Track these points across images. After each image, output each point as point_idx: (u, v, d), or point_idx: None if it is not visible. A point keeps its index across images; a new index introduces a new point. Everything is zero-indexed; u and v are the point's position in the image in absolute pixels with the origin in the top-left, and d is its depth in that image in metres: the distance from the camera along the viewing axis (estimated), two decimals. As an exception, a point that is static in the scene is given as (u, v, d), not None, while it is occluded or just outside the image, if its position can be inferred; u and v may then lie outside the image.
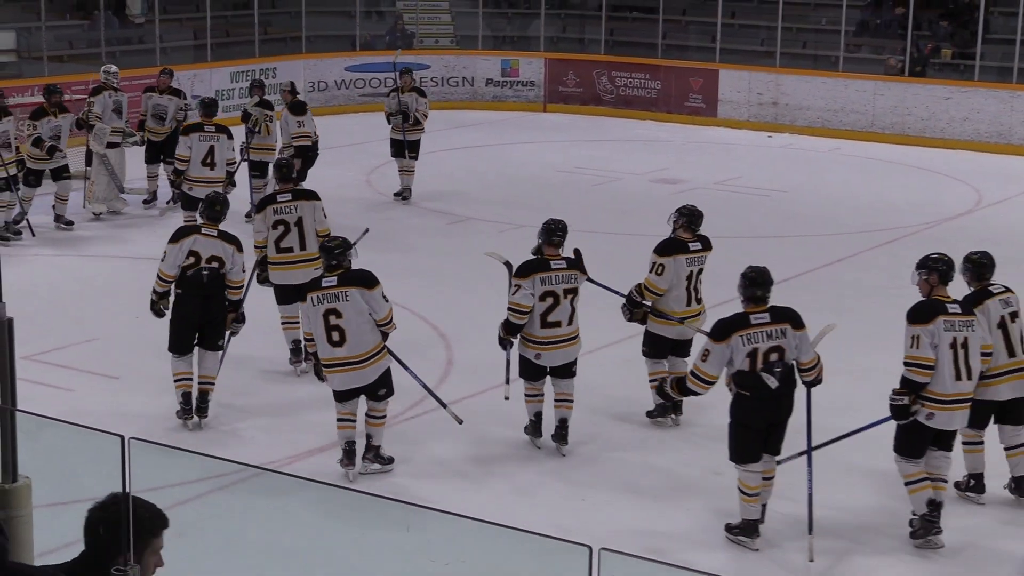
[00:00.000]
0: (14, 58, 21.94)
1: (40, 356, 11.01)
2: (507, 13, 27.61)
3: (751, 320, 8.06)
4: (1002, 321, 8.61)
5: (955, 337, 8.12)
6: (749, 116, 24.23)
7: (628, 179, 19.17)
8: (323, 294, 8.91)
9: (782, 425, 8.14)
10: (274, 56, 24.65)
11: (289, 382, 10.91)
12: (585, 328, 9.69)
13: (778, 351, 8.00)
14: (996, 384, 8.56)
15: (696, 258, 9.89)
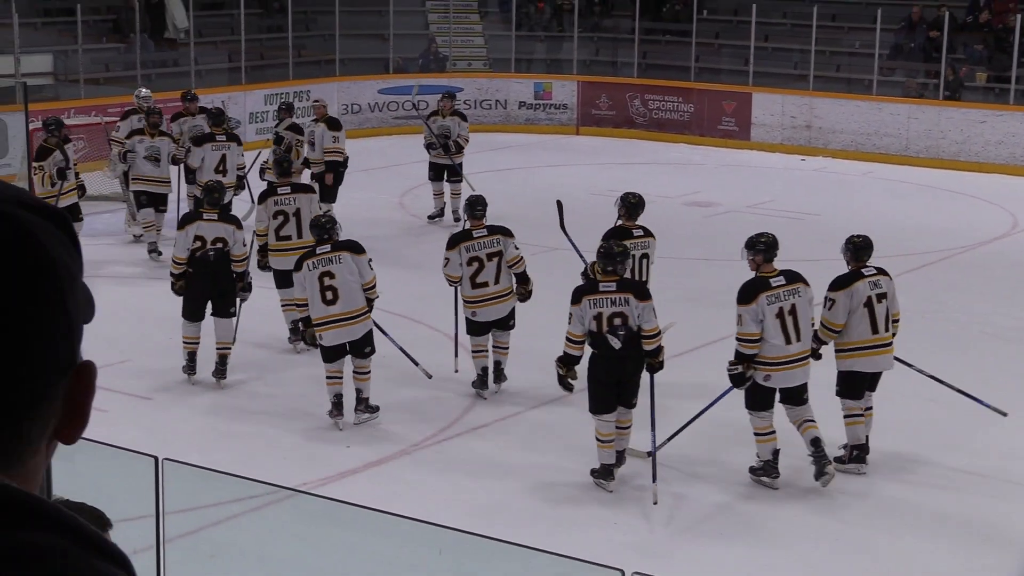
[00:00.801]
0: (51, 80, 22.11)
1: (74, 377, 11.05)
2: (540, 36, 27.67)
3: (599, 288, 9.18)
4: (868, 301, 9.54)
5: (781, 307, 9.18)
6: (782, 139, 24.19)
7: (661, 202, 19.13)
8: (318, 260, 10.17)
9: (631, 382, 9.27)
10: (308, 79, 24.77)
11: (322, 403, 10.92)
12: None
13: (621, 316, 9.04)
14: (855, 357, 9.53)
15: (639, 243, 10.75)
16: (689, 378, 11.56)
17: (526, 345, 11.43)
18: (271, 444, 10.02)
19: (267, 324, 12.64)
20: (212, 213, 11.35)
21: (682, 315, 13.10)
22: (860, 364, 9.61)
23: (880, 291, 9.63)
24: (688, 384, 11.42)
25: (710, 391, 11.06)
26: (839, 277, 9.71)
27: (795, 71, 24.97)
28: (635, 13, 25.93)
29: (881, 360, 9.66)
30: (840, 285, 9.62)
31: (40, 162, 14.36)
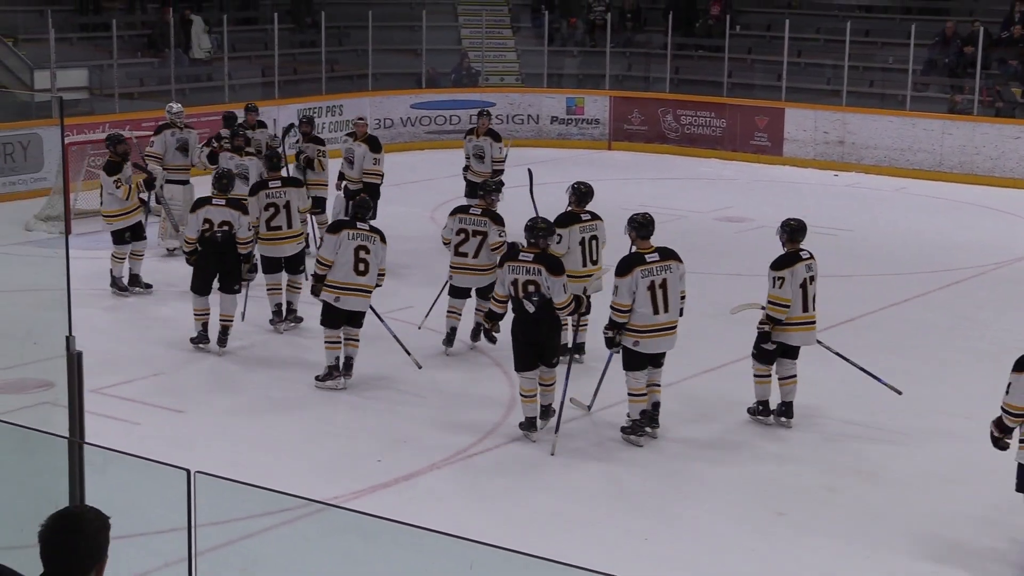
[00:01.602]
0: (86, 95, 22.27)
1: (107, 390, 11.12)
2: (572, 51, 27.69)
3: (518, 257, 10.25)
4: (804, 282, 10.53)
5: (652, 280, 10.08)
6: (815, 155, 24.13)
7: (693, 217, 19.14)
8: (358, 232, 11.37)
9: (549, 343, 10.31)
10: (341, 93, 24.87)
11: (354, 413, 10.94)
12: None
13: (534, 284, 10.13)
14: (789, 331, 10.58)
15: (588, 227, 11.85)
16: (722, 392, 11.53)
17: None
18: (303, 458, 10.03)
19: (311, 334, 12.73)
20: (220, 199, 12.55)
21: (714, 330, 13.11)
22: (791, 338, 10.62)
23: (812, 273, 10.63)
24: (720, 398, 11.39)
25: (740, 404, 11.04)
26: (780, 257, 10.60)
27: (828, 86, 24.92)
28: (668, 28, 25.93)
29: (808, 335, 10.71)
30: (783, 265, 10.52)
31: (116, 175, 14.26)
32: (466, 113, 25.34)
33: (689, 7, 27.15)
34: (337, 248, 11.29)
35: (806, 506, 9.38)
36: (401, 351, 11.89)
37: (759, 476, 9.90)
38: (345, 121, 24.16)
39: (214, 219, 12.45)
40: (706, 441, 10.56)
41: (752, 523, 9.09)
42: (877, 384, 11.06)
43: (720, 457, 10.25)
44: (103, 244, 16.46)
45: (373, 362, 12.27)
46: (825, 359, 11.22)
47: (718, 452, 10.35)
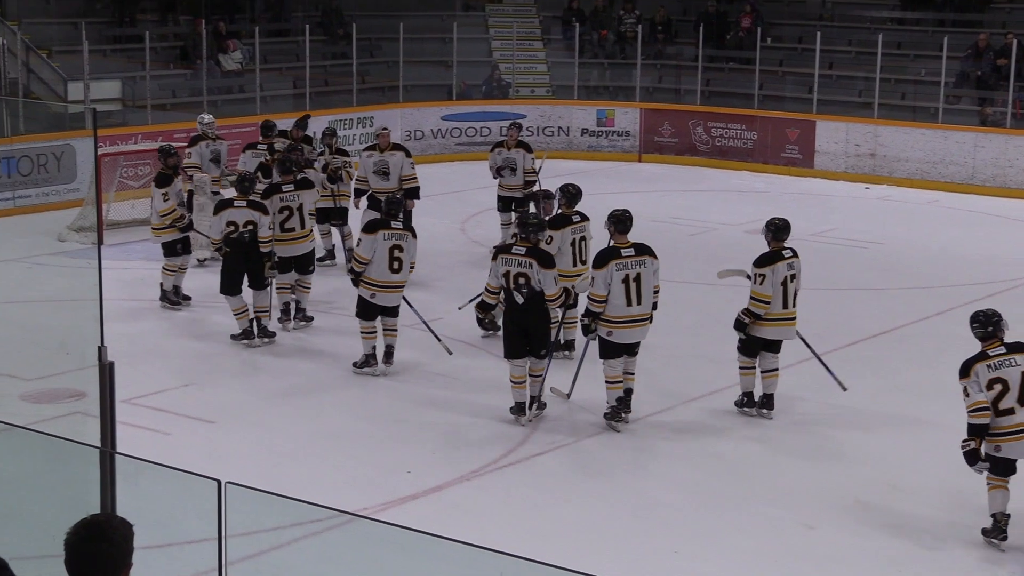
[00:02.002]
0: (119, 107, 22.39)
1: (139, 400, 11.17)
2: (603, 63, 27.70)
3: (512, 250, 10.88)
4: (784, 280, 10.90)
5: (627, 274, 10.63)
6: (846, 167, 24.06)
7: (723, 229, 19.10)
8: (392, 232, 11.97)
9: (538, 333, 10.88)
10: (371, 105, 24.92)
11: (385, 427, 10.95)
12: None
13: (524, 276, 10.74)
14: (765, 326, 10.97)
15: (578, 227, 12.24)
16: (751, 407, 11.50)
17: (590, 369, 11.43)
18: (333, 469, 10.05)
19: (340, 344, 12.79)
20: (242, 200, 13.19)
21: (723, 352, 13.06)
22: (769, 332, 11.04)
23: (793, 272, 10.98)
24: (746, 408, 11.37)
25: (782, 413, 11.02)
26: (763, 255, 10.99)
27: (859, 99, 24.84)
28: (699, 41, 25.90)
29: (786, 331, 11.13)
30: (765, 263, 10.93)
31: (165, 188, 14.26)
32: (496, 125, 25.36)
33: (720, 19, 27.14)
34: (374, 248, 11.89)
35: (835, 518, 9.34)
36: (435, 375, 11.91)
37: (786, 489, 9.87)
38: (375, 133, 24.22)
39: (238, 220, 13.06)
40: (734, 455, 10.54)
41: (782, 539, 9.06)
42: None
43: (748, 471, 10.22)
44: (135, 255, 16.57)
45: (405, 374, 12.30)
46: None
47: (747, 466, 10.32)
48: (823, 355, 11.61)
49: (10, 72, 21.10)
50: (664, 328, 12.63)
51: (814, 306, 11.41)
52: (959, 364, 9.09)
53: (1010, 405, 8.75)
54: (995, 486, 8.87)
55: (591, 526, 9.20)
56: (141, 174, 19.43)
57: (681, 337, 13.23)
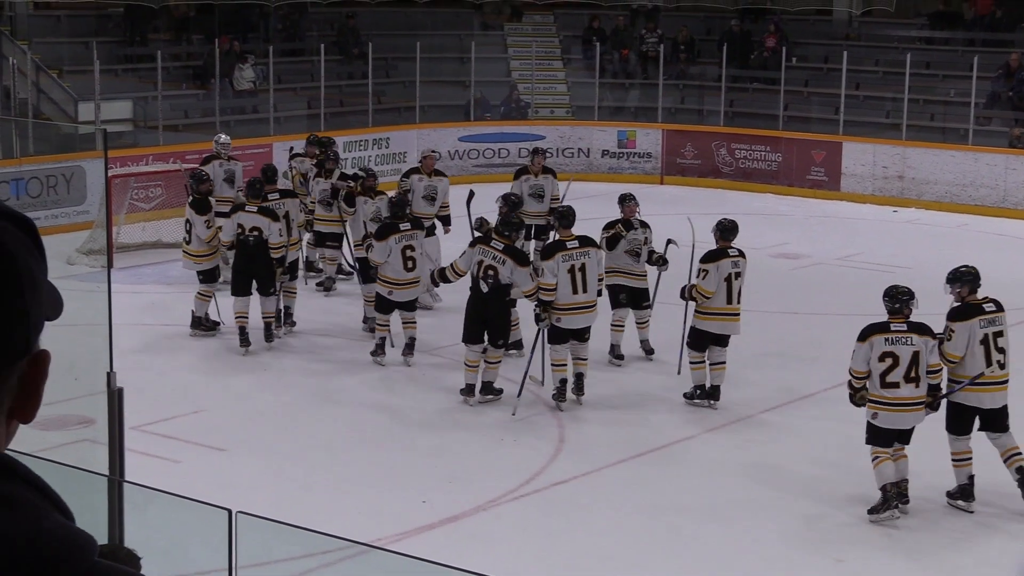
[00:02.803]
0: (130, 127, 22.49)
1: (148, 427, 11.18)
2: (624, 83, 27.75)
3: (490, 243, 11.88)
4: (729, 277, 11.81)
5: (572, 264, 11.77)
6: (873, 190, 24.02)
7: (747, 254, 19.05)
8: (402, 235, 12.94)
9: (496, 322, 11.94)
10: (387, 126, 24.98)
11: (401, 453, 10.94)
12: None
13: (493, 270, 11.75)
14: (709, 320, 11.93)
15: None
16: (777, 435, 11.47)
17: (609, 397, 11.41)
18: (347, 498, 10.04)
19: (352, 370, 12.80)
20: (253, 205, 13.72)
21: (767, 370, 13.05)
22: (715, 326, 11.98)
23: (738, 270, 11.91)
24: (774, 440, 11.33)
25: (802, 445, 10.99)
26: (709, 252, 11.97)
27: (887, 120, 24.81)
28: (722, 60, 25.91)
29: (731, 325, 12.00)
30: (711, 259, 11.88)
31: (207, 215, 14.27)
32: (515, 146, 25.41)
33: (744, 39, 27.16)
34: (388, 253, 12.85)
35: (863, 551, 9.30)
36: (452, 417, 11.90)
37: (810, 515, 9.83)
38: (392, 154, 24.27)
39: (245, 224, 13.62)
40: (759, 486, 10.50)
41: (810, 571, 9.03)
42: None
43: (775, 500, 10.18)
44: (146, 279, 16.62)
45: (420, 400, 12.30)
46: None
47: (774, 493, 10.28)
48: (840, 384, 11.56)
49: (20, 92, 21.22)
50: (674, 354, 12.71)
51: (841, 333, 11.38)
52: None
53: (896, 380, 9.60)
54: (880, 459, 9.65)
55: (613, 558, 9.17)
56: (152, 196, 19.50)
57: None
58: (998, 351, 9.95)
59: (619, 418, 11.97)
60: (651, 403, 12.40)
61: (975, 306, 10.18)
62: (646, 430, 11.66)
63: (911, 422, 9.72)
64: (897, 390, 9.60)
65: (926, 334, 9.76)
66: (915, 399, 9.63)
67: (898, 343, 9.67)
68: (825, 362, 13.11)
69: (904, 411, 9.64)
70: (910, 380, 9.60)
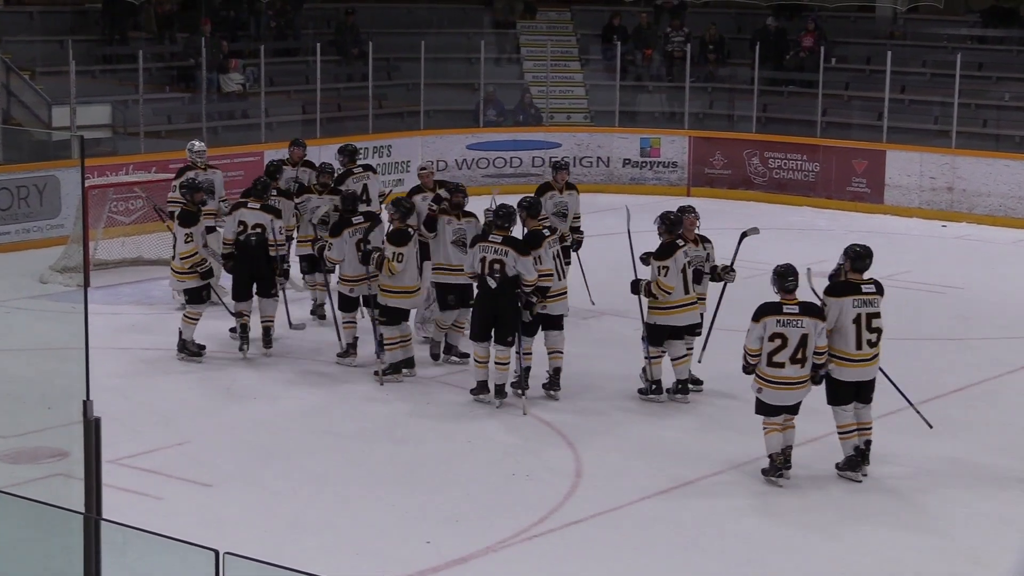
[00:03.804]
0: (109, 133, 22.50)
1: (128, 460, 11.18)
2: (647, 86, 27.77)
3: (488, 238, 12.89)
4: (683, 267, 12.82)
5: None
6: (920, 203, 24.00)
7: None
8: (356, 229, 13.82)
9: (504, 319, 12.81)
10: (389, 132, 25.01)
11: (402, 488, 10.93)
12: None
13: (499, 263, 12.72)
14: (675, 313, 12.88)
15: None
16: (815, 469, 11.44)
17: (631, 425, 11.39)
18: (343, 537, 10.03)
19: (343, 399, 12.80)
20: (256, 203, 14.37)
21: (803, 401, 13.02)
22: (678, 319, 12.92)
23: (688, 259, 12.86)
24: (806, 469, 11.31)
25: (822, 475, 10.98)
26: (660, 247, 12.85)
27: (935, 126, 24.81)
28: (755, 61, 25.94)
29: (691, 315, 13.01)
30: (664, 254, 12.77)
31: (190, 228, 14.17)
32: (528, 155, 25.46)
33: (779, 38, 27.17)
34: (343, 248, 13.84)
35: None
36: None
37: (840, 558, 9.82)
38: (393, 163, 24.32)
39: (248, 221, 14.26)
40: (794, 526, 10.48)
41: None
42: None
43: (808, 539, 10.16)
44: (125, 298, 16.64)
45: (422, 429, 12.30)
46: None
47: (806, 535, 10.26)
48: (896, 412, 11.55)
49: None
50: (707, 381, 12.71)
51: (886, 357, 11.36)
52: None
53: (782, 360, 10.89)
54: (769, 430, 11.11)
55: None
56: (132, 208, 19.55)
57: (725, 387, 13.17)
58: (870, 331, 11.11)
59: (643, 449, 11.95)
60: (678, 433, 12.38)
61: (853, 285, 11.26)
62: (673, 462, 11.64)
63: (794, 399, 11.05)
64: (782, 370, 10.92)
65: (816, 316, 10.98)
66: (798, 379, 10.97)
67: (789, 325, 10.90)
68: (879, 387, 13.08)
69: (787, 389, 10.99)
70: (795, 361, 10.91)
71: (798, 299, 11.04)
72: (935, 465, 11.61)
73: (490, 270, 12.79)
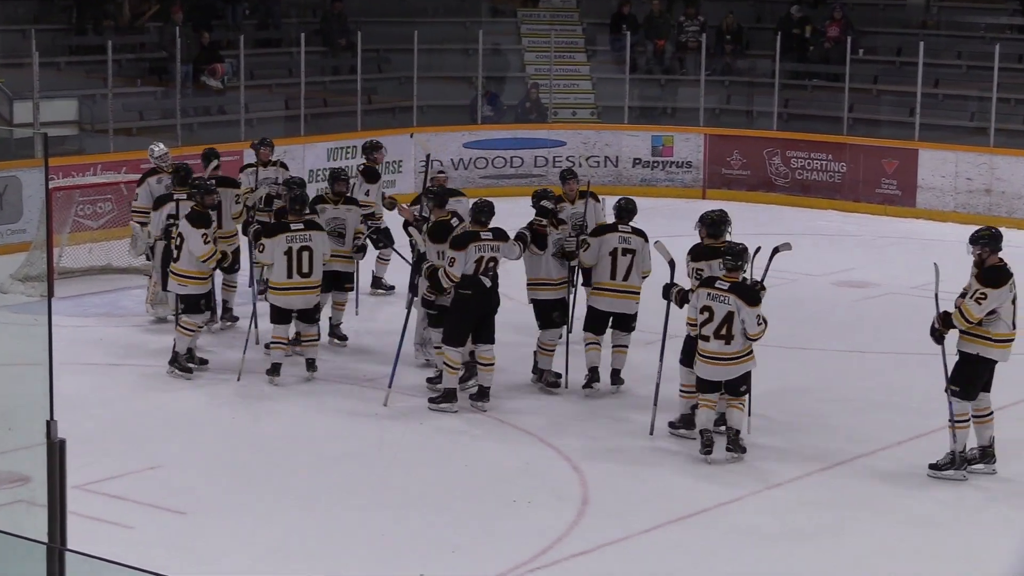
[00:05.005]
0: (75, 131, 22.47)
1: (95, 486, 11.17)
2: (660, 80, 27.78)
3: (480, 236, 13.19)
4: (614, 251, 13.62)
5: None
6: (955, 206, 24.01)
7: (805, 281, 19.05)
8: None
9: (491, 319, 13.29)
10: (380, 129, 24.88)
11: (393, 513, 10.93)
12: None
13: (494, 260, 13.23)
14: (600, 296, 13.71)
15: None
16: (840, 497, 11.45)
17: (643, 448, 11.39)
18: (328, 569, 10.03)
19: (327, 418, 12.78)
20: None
21: (831, 418, 13.02)
22: (602, 303, 13.69)
23: (626, 246, 13.60)
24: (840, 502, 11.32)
25: (874, 507, 11.00)
26: (597, 227, 14.07)
27: (972, 123, 24.84)
28: (775, 53, 25.93)
29: (622, 303, 13.70)
30: (596, 233, 13.79)
31: (204, 228, 14.14)
32: (530, 154, 25.47)
33: (802, 27, 27.17)
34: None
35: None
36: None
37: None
38: (384, 163, 24.22)
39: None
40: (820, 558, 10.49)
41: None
42: None
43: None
44: (92, 309, 16.63)
45: (415, 451, 12.30)
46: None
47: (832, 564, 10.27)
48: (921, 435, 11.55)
49: (-56, 90, 21.31)
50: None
51: (919, 377, 11.37)
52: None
53: (707, 334, 11.89)
54: (702, 405, 12.05)
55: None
56: (101, 212, 19.55)
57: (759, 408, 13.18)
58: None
59: (655, 473, 11.94)
60: (694, 455, 12.36)
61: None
62: (688, 486, 11.63)
63: (720, 375, 11.91)
64: (707, 343, 11.90)
65: (746, 299, 11.83)
66: (723, 354, 11.83)
67: (716, 300, 11.86)
68: (899, 410, 13.10)
69: (711, 364, 11.90)
70: (719, 336, 11.82)
71: (738, 279, 11.99)
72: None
73: (486, 269, 13.16)
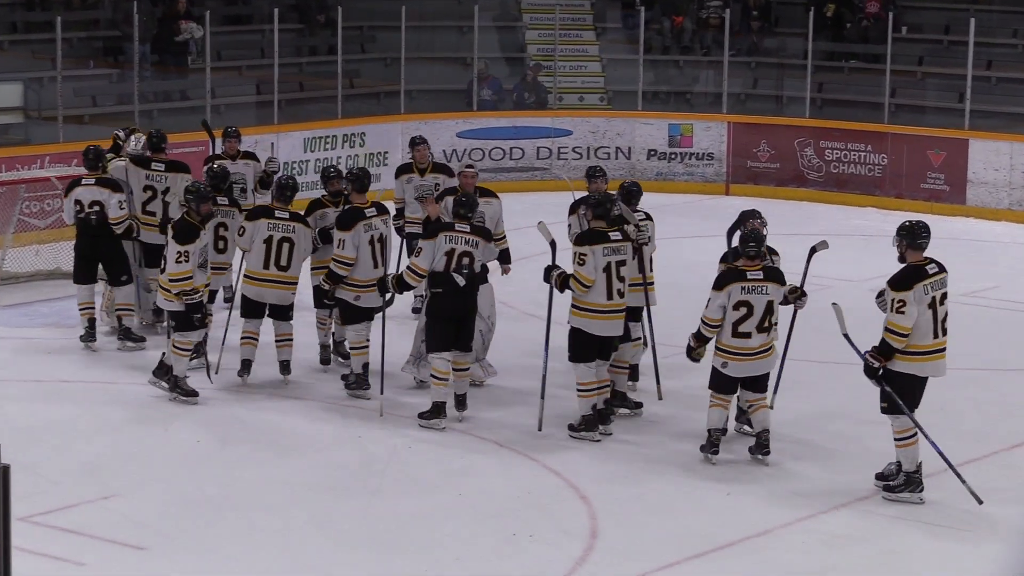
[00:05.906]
0: (20, 118, 22.48)
1: (42, 517, 11.16)
2: (678, 61, 27.79)
3: (455, 227, 13.30)
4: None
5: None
6: (1010, 203, 24.03)
7: (841, 287, 19.05)
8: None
9: (470, 320, 13.56)
10: (362, 117, 24.99)
11: (376, 552, 10.93)
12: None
13: (469, 256, 13.24)
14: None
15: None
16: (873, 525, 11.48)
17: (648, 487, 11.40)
18: (305, 613, 10.05)
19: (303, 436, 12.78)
20: (90, 177, 15.44)
21: (866, 441, 13.04)
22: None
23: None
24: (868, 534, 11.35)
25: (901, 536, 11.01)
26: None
27: (1029, 110, 24.88)
28: (808, 31, 25.94)
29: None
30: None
31: (186, 245, 13.64)
32: (532, 144, 25.49)
33: (838, 3, 27.14)
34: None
35: None
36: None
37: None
38: (368, 155, 24.28)
39: (84, 200, 15.30)
40: None
41: None
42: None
43: None
44: (40, 319, 16.64)
45: (402, 476, 12.30)
46: None
47: None
48: (976, 460, 11.55)
49: None
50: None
51: (969, 392, 11.36)
52: None
53: (749, 330, 12.21)
54: (715, 404, 12.47)
55: None
56: (48, 209, 19.55)
57: (789, 431, 13.20)
58: (619, 280, 12.90)
59: (672, 502, 11.95)
60: (713, 484, 12.38)
61: (602, 233, 13.03)
62: (707, 521, 11.63)
63: (760, 370, 12.44)
64: (748, 340, 12.23)
65: (779, 282, 12.48)
66: (764, 346, 12.32)
67: (754, 292, 12.26)
68: (949, 433, 13.09)
69: (751, 360, 12.33)
70: (762, 330, 12.26)
71: (761, 265, 12.44)
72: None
73: (458, 265, 13.24)
